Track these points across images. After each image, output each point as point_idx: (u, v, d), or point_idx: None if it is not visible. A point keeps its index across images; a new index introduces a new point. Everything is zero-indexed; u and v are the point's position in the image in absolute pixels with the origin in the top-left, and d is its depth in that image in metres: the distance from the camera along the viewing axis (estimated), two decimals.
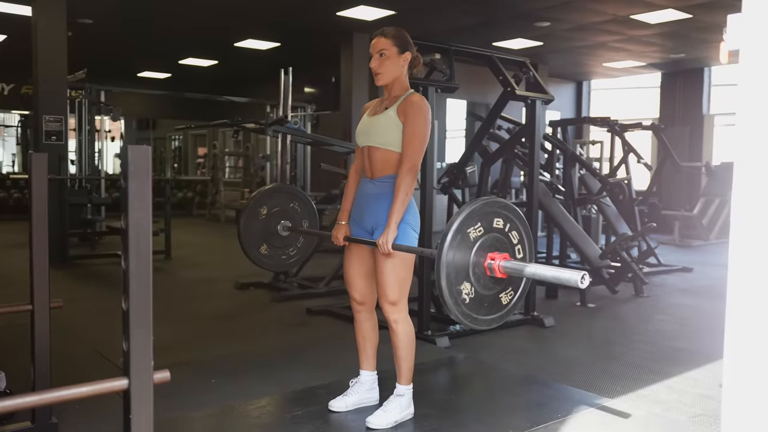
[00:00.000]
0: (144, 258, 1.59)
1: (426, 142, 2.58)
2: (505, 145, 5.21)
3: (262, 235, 3.14)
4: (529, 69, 4.67)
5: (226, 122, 6.01)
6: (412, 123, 2.55)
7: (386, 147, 2.61)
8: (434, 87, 4.05)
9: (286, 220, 3.18)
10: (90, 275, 6.55)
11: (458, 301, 2.10)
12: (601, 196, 6.74)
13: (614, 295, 5.70)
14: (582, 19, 8.49)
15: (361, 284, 2.80)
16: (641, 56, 10.87)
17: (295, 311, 4.95)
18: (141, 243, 1.56)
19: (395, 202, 2.53)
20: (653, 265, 7.20)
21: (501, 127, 7.96)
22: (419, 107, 2.56)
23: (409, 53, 2.65)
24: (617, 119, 7.56)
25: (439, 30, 9.00)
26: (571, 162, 6.44)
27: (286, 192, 3.22)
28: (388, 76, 2.64)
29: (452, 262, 2.06)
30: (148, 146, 1.48)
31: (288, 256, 3.25)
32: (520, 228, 2.23)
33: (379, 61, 2.62)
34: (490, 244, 2.14)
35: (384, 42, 2.62)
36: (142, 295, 1.56)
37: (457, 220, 2.07)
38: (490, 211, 2.14)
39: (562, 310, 5.14)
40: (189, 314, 4.87)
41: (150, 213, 1.58)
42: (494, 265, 2.11)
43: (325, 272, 5.88)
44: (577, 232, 5.90)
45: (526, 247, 2.25)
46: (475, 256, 2.11)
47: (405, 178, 2.53)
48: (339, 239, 2.77)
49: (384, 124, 2.61)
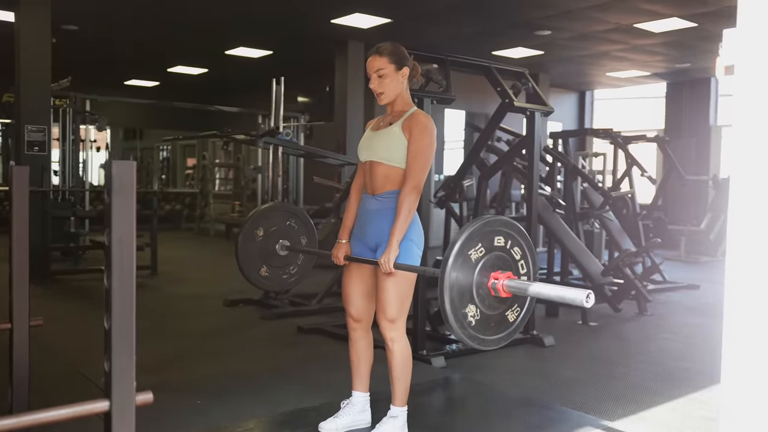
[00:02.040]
0: (127, 276, 1.61)
1: (430, 161, 2.63)
2: (504, 157, 5.25)
3: (260, 256, 3.16)
4: (528, 80, 4.72)
5: (216, 133, 6.05)
6: (417, 141, 2.60)
7: (389, 163, 2.65)
8: (430, 98, 4.08)
9: (284, 239, 3.21)
10: (73, 291, 6.55)
11: (464, 325, 2.13)
12: (604, 211, 6.78)
13: (617, 313, 5.72)
14: (584, 27, 8.57)
15: (359, 301, 2.82)
16: (645, 66, 10.96)
17: (285, 329, 4.96)
18: (124, 261, 1.58)
19: (397, 220, 2.56)
20: (658, 282, 7.22)
21: (500, 138, 8.01)
22: (425, 126, 2.61)
23: (406, 68, 2.70)
24: (620, 131, 7.61)
25: (436, 39, 9.08)
26: (573, 175, 6.49)
27: (283, 210, 3.25)
28: (389, 94, 2.70)
29: (455, 286, 2.09)
30: (133, 161, 1.51)
31: (289, 274, 3.28)
32: (521, 243, 2.26)
33: (379, 81, 2.67)
34: (492, 263, 2.17)
35: (380, 61, 2.66)
36: (125, 314, 1.58)
37: (457, 243, 2.10)
38: (490, 231, 2.17)
39: (563, 329, 5.15)
40: (175, 332, 4.87)
41: (134, 230, 1.60)
42: (498, 285, 2.14)
43: (317, 289, 5.89)
44: (578, 247, 5.92)
45: (529, 262, 2.29)
46: (478, 278, 2.14)
47: (408, 196, 2.57)
48: (339, 258, 2.79)
49: (388, 139, 2.66)
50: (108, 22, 8.73)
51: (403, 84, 2.71)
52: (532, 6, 7.71)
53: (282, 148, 5.91)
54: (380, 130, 2.72)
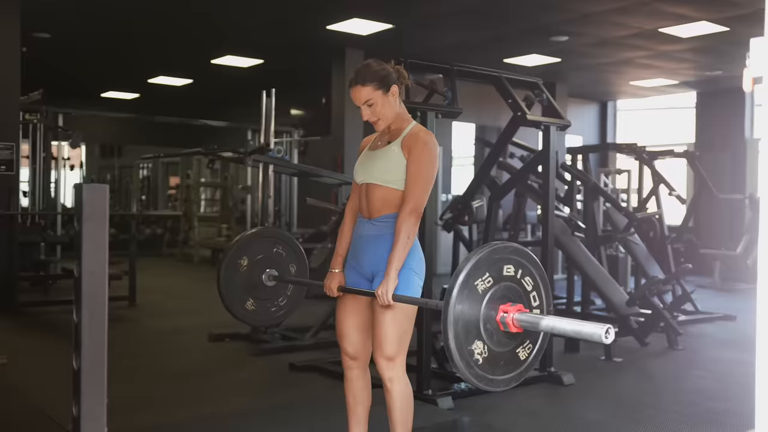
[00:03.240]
0: (98, 310, 1.63)
1: (431, 182, 2.65)
2: (517, 175, 5.28)
3: (245, 288, 3.16)
4: (542, 91, 4.76)
5: (200, 150, 6.09)
6: (417, 160, 2.62)
7: (387, 185, 2.67)
8: (434, 112, 4.12)
9: (271, 268, 3.21)
10: (42, 325, 6.55)
11: (470, 363, 2.12)
12: (629, 234, 6.79)
13: (644, 347, 5.70)
14: (604, 33, 8.64)
15: (356, 337, 2.82)
16: (673, 74, 11.03)
17: (276, 367, 4.95)
18: (95, 293, 1.59)
19: (395, 247, 2.57)
20: (689, 313, 7.21)
21: (513, 154, 8.06)
22: (425, 143, 2.64)
23: (394, 86, 2.71)
24: (645, 145, 7.65)
25: (441, 46, 9.16)
26: (593, 194, 6.51)
27: (268, 237, 3.25)
28: (385, 120, 2.72)
29: (460, 320, 2.09)
30: (105, 185, 1.53)
31: (278, 307, 3.28)
32: (533, 273, 2.26)
33: (370, 111, 2.69)
34: (501, 294, 2.17)
35: (365, 91, 2.67)
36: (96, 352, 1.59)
37: (462, 272, 2.10)
38: (498, 259, 2.17)
39: (584, 366, 5.13)
40: (153, 371, 4.86)
41: (106, 260, 1.62)
42: (508, 319, 2.14)
43: (311, 321, 5.88)
44: (600, 274, 5.92)
45: (542, 294, 2.29)
46: (486, 311, 2.13)
47: (407, 220, 2.58)
48: (332, 290, 2.80)
49: (385, 159, 2.68)
50: (83, 29, 8.83)
51: (396, 101, 2.73)
52: (547, 9, 7.78)
53: (273, 166, 5.94)
54: (377, 149, 2.75)
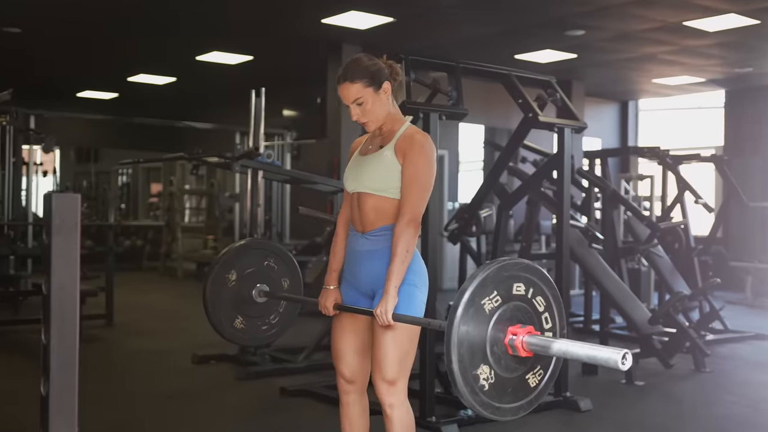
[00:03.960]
0: (69, 330, 1.63)
1: (429, 188, 2.64)
2: (529, 182, 5.28)
3: (234, 305, 3.17)
4: (556, 90, 4.77)
5: (183, 155, 6.10)
6: (413, 164, 2.61)
7: (381, 193, 2.66)
8: (438, 113, 4.13)
9: (261, 283, 3.22)
10: (11, 345, 6.55)
11: (475, 389, 2.12)
12: (651, 245, 6.79)
13: (668, 370, 5.69)
14: (624, 26, 8.66)
15: (353, 358, 2.82)
16: (699, 71, 11.05)
17: (266, 391, 4.94)
18: (66, 311, 1.60)
19: (393, 261, 2.56)
20: (718, 332, 7.20)
21: (525, 159, 8.08)
22: (421, 146, 2.63)
23: (386, 83, 2.71)
24: (669, 149, 7.65)
25: (447, 41, 9.17)
26: (613, 202, 6.51)
27: (258, 249, 3.26)
28: (376, 120, 2.71)
29: (465, 342, 2.09)
30: (76, 194, 1.54)
31: (269, 325, 3.29)
32: (546, 292, 2.26)
33: (360, 110, 2.68)
34: (510, 315, 2.17)
35: (354, 88, 2.66)
36: (66, 376, 1.59)
37: (468, 290, 2.10)
38: (507, 276, 2.17)
39: (603, 390, 5.13)
40: (133, 396, 4.85)
41: (77, 275, 1.62)
42: (517, 342, 2.14)
43: (304, 342, 5.88)
44: (620, 290, 5.92)
45: (555, 315, 2.29)
46: (493, 332, 2.14)
47: (404, 232, 2.57)
48: (328, 308, 2.81)
49: (377, 165, 2.67)
50: (57, 23, 8.85)
51: (389, 101, 2.73)
52: (561, 1, 7.81)
53: (262, 172, 5.95)
54: (369, 154, 2.74)
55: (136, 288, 10.45)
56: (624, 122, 13.83)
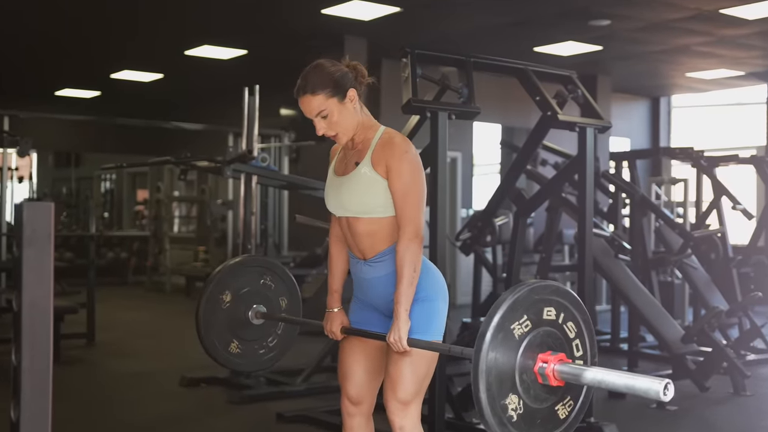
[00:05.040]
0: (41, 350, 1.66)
1: (424, 193, 2.65)
2: (548, 186, 5.30)
3: (229, 328, 3.20)
4: (577, 85, 4.79)
5: (169, 159, 6.13)
6: (399, 175, 2.61)
7: (369, 215, 2.67)
8: (447, 112, 4.16)
9: (258, 303, 3.25)
10: None
11: (503, 420, 2.14)
12: (685, 255, 6.78)
13: (704, 393, 5.68)
14: (654, 15, 8.67)
15: (361, 377, 2.85)
16: (737, 63, 11.04)
17: (261, 417, 4.96)
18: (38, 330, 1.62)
19: (401, 283, 2.59)
20: (760, 351, 7.17)
21: (546, 162, 8.10)
22: (403, 152, 2.62)
23: (352, 90, 2.67)
24: (704, 150, 7.65)
25: (459, 32, 9.19)
26: (641, 209, 6.52)
27: (254, 266, 3.29)
28: (346, 132, 2.69)
29: (493, 371, 2.12)
30: (50, 203, 1.57)
31: (267, 349, 3.31)
32: (577, 317, 2.29)
33: (326, 123, 2.65)
34: (540, 341, 2.20)
35: (317, 100, 2.62)
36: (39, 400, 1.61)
37: (497, 314, 2.13)
38: (538, 299, 2.20)
39: (631, 415, 5.13)
40: (116, 422, 4.89)
41: (50, 291, 1.65)
42: (547, 370, 2.17)
43: (303, 362, 5.90)
44: (650, 305, 5.93)
45: (586, 342, 2.32)
46: (523, 360, 2.17)
47: (408, 250, 2.59)
48: (335, 333, 2.85)
49: (357, 186, 2.67)
50: (31, 15, 8.91)
51: (357, 108, 2.70)
52: None
53: (256, 177, 5.98)
54: (346, 174, 2.71)
55: (120, 304, 10.50)
56: (655, 121, 13.82)
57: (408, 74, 4.16)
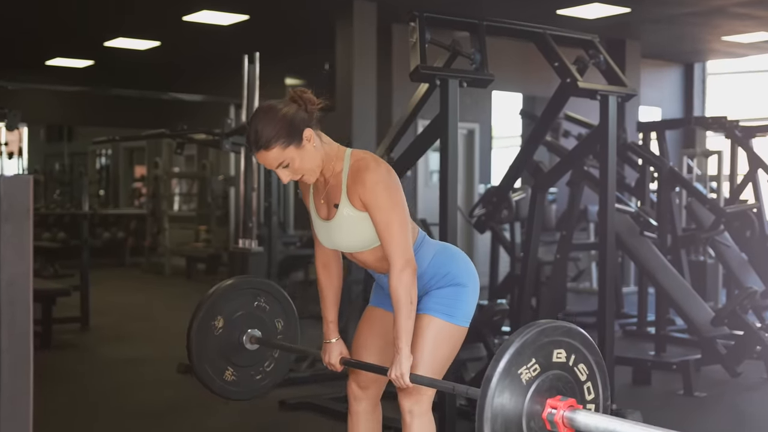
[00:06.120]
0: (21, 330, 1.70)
1: (406, 218, 2.67)
2: (568, 158, 5.30)
3: (222, 355, 3.23)
4: (599, 50, 4.78)
5: (164, 132, 6.17)
6: (377, 207, 2.62)
7: (370, 247, 2.74)
8: (458, 79, 4.16)
9: (252, 327, 3.29)
10: None
11: None
12: (717, 232, 6.77)
13: (735, 378, 5.68)
14: None
15: (375, 358, 2.89)
16: None
17: (262, 405, 4.97)
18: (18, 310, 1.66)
19: (399, 317, 2.62)
20: None
21: (569, 133, 8.08)
22: (371, 180, 2.62)
23: (306, 130, 2.61)
24: (739, 120, 7.62)
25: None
26: (670, 183, 6.51)
27: (246, 288, 3.32)
28: (312, 172, 2.68)
29: (499, 417, 2.13)
30: (29, 175, 1.61)
31: (263, 374, 3.35)
32: (589, 358, 2.31)
33: (289, 172, 2.65)
34: (549, 386, 2.21)
35: (272, 155, 2.60)
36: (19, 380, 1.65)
37: (503, 358, 2.14)
38: (548, 342, 2.21)
39: (657, 402, 5.16)
40: (109, 410, 4.95)
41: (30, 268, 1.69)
42: (556, 417, 2.18)
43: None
44: (678, 286, 5.93)
45: (598, 384, 2.33)
46: (530, 405, 2.18)
47: (401, 282, 2.62)
48: (334, 366, 2.90)
49: (347, 228, 2.71)
50: None
51: (315, 145, 2.64)
52: None
53: None
54: (330, 219, 2.73)
55: (116, 287, 10.58)
56: (688, 89, 13.74)
57: (416, 39, 4.15)
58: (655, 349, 6.31)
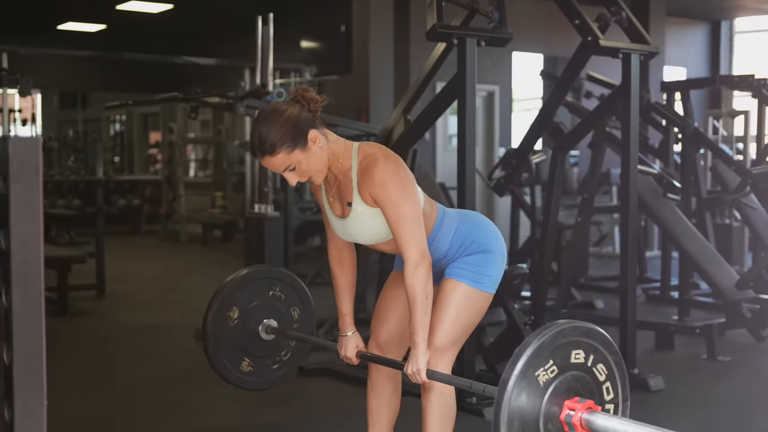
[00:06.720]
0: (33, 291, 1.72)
1: (419, 209, 2.68)
2: (589, 119, 5.27)
3: (238, 346, 3.27)
4: (621, 7, 4.74)
5: (177, 96, 6.17)
6: (387, 203, 2.64)
7: (386, 239, 2.77)
8: (476, 38, 4.14)
9: (268, 317, 3.31)
10: None
11: None
12: (743, 194, 6.73)
13: (760, 342, 5.68)
14: None
15: (394, 324, 2.93)
16: None
17: None
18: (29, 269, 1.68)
19: (415, 313, 2.64)
20: None
21: (591, 94, 8.03)
22: (380, 177, 2.62)
23: (312, 131, 2.60)
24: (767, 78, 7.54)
25: None
26: (694, 144, 6.47)
27: (261, 278, 3.34)
28: (320, 172, 2.68)
29: (516, 419, 2.14)
30: (38, 137, 1.62)
31: (280, 363, 3.39)
32: (608, 358, 2.31)
33: (296, 174, 2.65)
34: (567, 387, 2.22)
35: (278, 160, 2.59)
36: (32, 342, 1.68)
37: (521, 360, 2.14)
38: (566, 342, 2.22)
39: (679, 366, 5.16)
40: (125, 377, 5.00)
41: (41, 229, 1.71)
42: (574, 419, 2.18)
43: (325, 313, 5.97)
44: (702, 249, 5.91)
45: (617, 385, 2.33)
46: (548, 407, 2.19)
47: (416, 277, 2.63)
48: (351, 359, 2.93)
49: (363, 224, 2.73)
50: None
51: (321, 145, 2.63)
52: None
53: None
54: (345, 217, 2.75)
55: (132, 254, 10.66)
56: (715, 47, 13.59)
57: None
58: (679, 314, 6.30)
